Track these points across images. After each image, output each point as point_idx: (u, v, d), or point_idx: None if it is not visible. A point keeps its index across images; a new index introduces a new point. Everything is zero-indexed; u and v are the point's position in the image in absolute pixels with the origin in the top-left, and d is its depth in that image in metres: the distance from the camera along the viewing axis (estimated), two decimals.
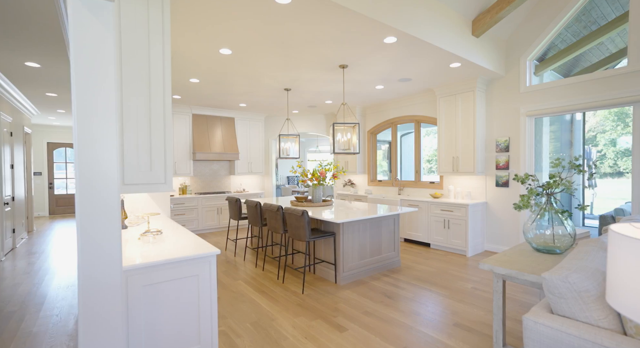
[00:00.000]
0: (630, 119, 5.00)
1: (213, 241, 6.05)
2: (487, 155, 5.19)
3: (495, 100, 5.06)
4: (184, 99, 6.21)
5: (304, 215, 3.52)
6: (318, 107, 7.20)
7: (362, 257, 4.03)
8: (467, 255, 4.89)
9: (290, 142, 5.63)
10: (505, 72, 4.89)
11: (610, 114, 8.56)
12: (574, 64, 6.11)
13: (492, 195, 5.12)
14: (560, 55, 5.34)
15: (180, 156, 6.78)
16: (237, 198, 5.05)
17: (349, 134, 4.39)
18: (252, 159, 7.86)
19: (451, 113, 5.35)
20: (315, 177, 4.72)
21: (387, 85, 5.38)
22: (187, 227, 6.61)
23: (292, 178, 13.35)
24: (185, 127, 6.85)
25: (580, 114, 6.61)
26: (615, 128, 8.82)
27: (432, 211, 5.37)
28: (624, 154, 8.72)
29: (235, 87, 5.35)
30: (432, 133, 8.41)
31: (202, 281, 2.09)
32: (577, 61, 6.10)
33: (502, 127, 4.98)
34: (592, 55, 6.00)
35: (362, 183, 7.52)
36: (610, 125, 8.82)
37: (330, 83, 5.16)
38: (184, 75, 4.69)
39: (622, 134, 8.72)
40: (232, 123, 7.53)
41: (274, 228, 4.11)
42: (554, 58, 5.33)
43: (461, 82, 5.11)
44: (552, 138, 6.20)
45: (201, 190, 7.37)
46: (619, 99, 3.84)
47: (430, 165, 8.89)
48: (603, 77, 3.97)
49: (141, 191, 1.90)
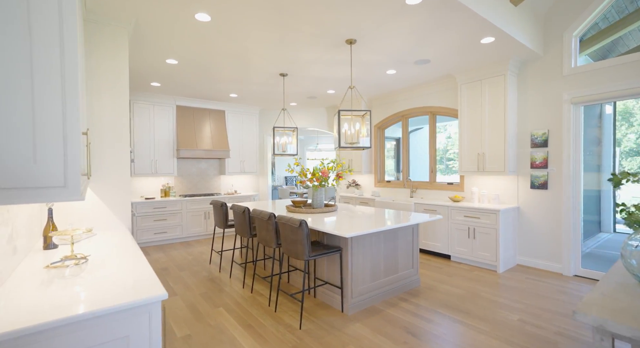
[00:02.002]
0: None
1: (197, 251, 5.23)
2: (519, 151, 4.39)
3: (530, 86, 4.26)
4: (165, 87, 5.39)
5: (302, 226, 2.71)
6: (319, 98, 6.39)
7: (375, 277, 3.22)
8: (498, 270, 4.08)
9: (287, 136, 4.82)
10: (544, 52, 4.09)
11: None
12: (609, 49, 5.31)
13: (526, 199, 4.31)
14: (601, 36, 4.55)
15: (162, 153, 5.96)
16: (222, 202, 4.24)
17: (358, 124, 3.59)
18: (245, 157, 7.05)
19: (475, 102, 4.54)
20: (317, 177, 3.91)
21: (400, 69, 4.58)
22: (169, 234, 5.80)
23: (290, 179, 12.54)
24: (168, 120, 6.04)
25: (611, 107, 5.82)
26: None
27: (454, 217, 4.57)
28: None
29: (222, 71, 4.54)
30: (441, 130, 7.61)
31: (133, 347, 1.28)
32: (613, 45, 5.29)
33: (539, 118, 4.18)
34: (631, 38, 5.20)
35: (368, 184, 6.71)
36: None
37: (334, 65, 4.35)
38: (159, 55, 3.88)
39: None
40: (222, 117, 6.71)
41: (265, 241, 3.30)
42: (594, 39, 4.54)
43: (489, 65, 4.30)
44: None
45: (187, 191, 6.55)
46: None
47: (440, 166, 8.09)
48: None
49: (6, 202, 1.08)
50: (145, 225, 5.54)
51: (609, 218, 6.11)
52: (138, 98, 5.64)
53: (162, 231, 5.73)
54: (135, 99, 5.62)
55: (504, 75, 4.21)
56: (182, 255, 4.99)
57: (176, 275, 4.07)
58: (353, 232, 2.67)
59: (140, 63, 4.16)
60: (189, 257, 4.88)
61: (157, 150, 5.90)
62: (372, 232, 2.78)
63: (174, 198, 5.93)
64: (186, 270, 4.24)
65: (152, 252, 5.22)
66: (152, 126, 5.84)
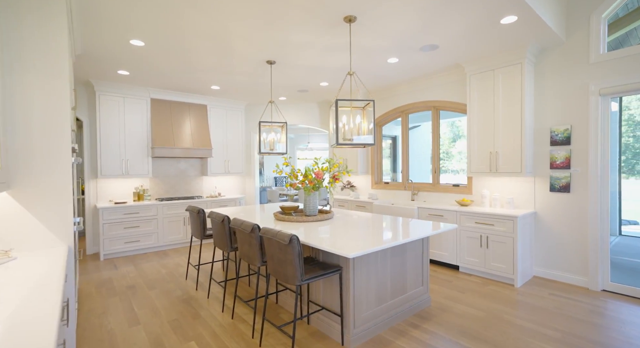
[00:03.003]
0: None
1: (173, 264, 4.60)
2: (536, 150, 3.91)
3: (549, 77, 3.79)
4: (135, 77, 4.74)
5: (292, 243, 2.15)
6: (311, 92, 5.83)
7: (381, 299, 2.68)
8: (516, 284, 3.60)
9: (275, 133, 4.24)
10: (566, 37, 3.61)
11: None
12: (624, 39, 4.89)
13: (545, 203, 3.84)
14: (626, 21, 4.13)
15: (135, 152, 5.31)
16: (199, 209, 3.64)
17: (358, 117, 3.04)
18: (229, 156, 6.44)
19: (487, 95, 4.05)
20: (309, 179, 3.35)
21: (403, 57, 4.05)
22: (142, 243, 5.15)
23: (280, 180, 11.93)
24: (141, 114, 5.38)
25: (616, 104, 5.43)
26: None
27: (463, 224, 4.07)
28: None
29: (200, 57, 3.93)
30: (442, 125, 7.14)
31: None
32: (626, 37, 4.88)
33: (560, 113, 3.71)
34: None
35: (365, 185, 6.18)
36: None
37: (329, 52, 3.80)
38: (120, 35, 3.25)
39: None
40: (204, 112, 6.08)
41: (248, 257, 2.73)
42: (620, 23, 4.11)
43: (504, 53, 3.81)
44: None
45: (164, 194, 5.90)
46: None
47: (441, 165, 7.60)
48: None
49: None
50: (114, 233, 4.88)
51: (614, 219, 5.73)
52: (104, 89, 4.96)
53: (134, 240, 5.08)
54: (102, 89, 4.94)
55: (521, 63, 3.73)
56: (155, 269, 4.36)
57: (143, 295, 3.44)
58: (357, 250, 2.11)
59: (100, 45, 3.52)
60: (162, 271, 4.25)
61: (129, 149, 5.24)
62: (379, 249, 2.23)
63: (148, 202, 5.28)
64: (157, 289, 3.63)
65: (121, 264, 4.57)
66: (123, 121, 5.18)
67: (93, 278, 3.97)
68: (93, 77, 4.67)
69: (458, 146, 7.33)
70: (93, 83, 4.81)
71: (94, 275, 4.09)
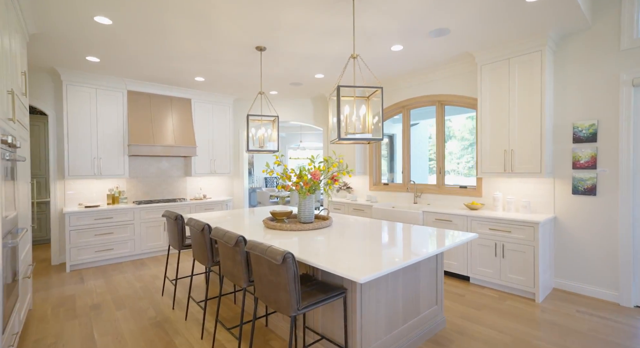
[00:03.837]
0: None
1: (150, 275, 4.09)
2: (556, 147, 3.53)
3: (571, 67, 3.41)
4: (108, 64, 4.20)
5: (286, 264, 1.68)
6: (305, 85, 5.37)
7: (392, 326, 2.24)
8: (537, 299, 3.20)
9: (265, 128, 3.77)
10: (592, 21, 3.23)
11: None
12: None
13: (566, 207, 3.46)
14: None
15: (109, 149, 4.76)
16: (177, 215, 3.14)
17: (363, 107, 2.59)
18: (216, 155, 5.93)
19: (501, 87, 3.65)
20: (304, 180, 2.89)
21: (409, 44, 3.62)
22: (116, 251, 4.61)
23: (271, 180, 11.43)
24: (117, 108, 4.84)
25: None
26: None
27: (475, 230, 3.66)
28: None
29: (179, 40, 3.44)
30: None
31: None
32: None
33: (584, 106, 3.33)
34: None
35: (362, 187, 5.75)
36: None
37: (326, 36, 3.34)
38: (82, 8, 2.73)
39: None
40: (187, 106, 5.57)
41: (232, 275, 2.25)
42: None
43: (521, 39, 3.42)
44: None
45: (144, 197, 5.37)
46: None
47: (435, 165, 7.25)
48: None
49: None
50: (84, 241, 4.34)
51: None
52: (73, 78, 4.41)
53: (107, 248, 4.53)
54: (70, 79, 4.39)
55: (541, 51, 3.33)
56: (129, 282, 3.84)
57: (109, 317, 2.93)
58: (368, 271, 1.66)
59: (58, 22, 3.00)
60: (136, 285, 3.74)
61: (102, 146, 4.70)
62: (396, 269, 1.78)
63: (124, 205, 4.74)
64: (126, 308, 3.11)
65: (90, 277, 4.03)
66: (95, 115, 4.63)
67: (52, 295, 3.43)
68: (58, 64, 4.12)
69: (449, 147, 7.18)
70: (59, 72, 4.26)
71: (54, 291, 3.55)
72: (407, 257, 1.90)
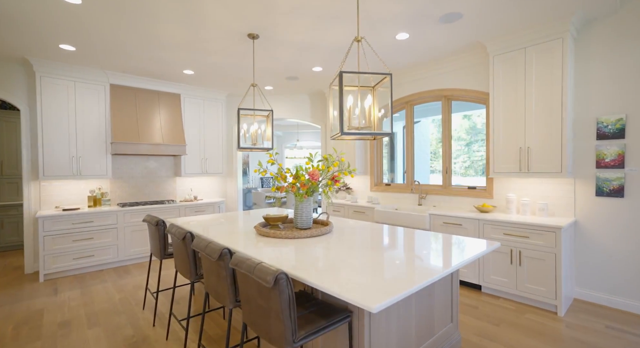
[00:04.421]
0: None
1: (132, 285, 3.73)
2: (577, 145, 3.23)
3: (596, 55, 3.10)
4: (86, 55, 3.84)
5: (278, 286, 1.35)
6: (301, 79, 5.03)
7: None
8: (559, 312, 2.89)
9: (259, 123, 3.43)
10: (621, 2, 2.93)
11: None
12: None
13: (589, 210, 3.15)
14: None
15: (89, 147, 4.40)
16: (158, 220, 2.80)
17: (370, 97, 2.27)
18: (207, 154, 5.58)
19: (516, 79, 3.34)
20: (301, 182, 2.56)
21: (417, 31, 3.30)
22: (98, 258, 4.25)
23: (267, 180, 11.08)
24: (98, 103, 4.47)
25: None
26: None
27: (487, 235, 3.35)
28: None
29: (162, 25, 3.09)
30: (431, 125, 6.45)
31: None
32: None
33: (611, 98, 3.02)
34: None
35: (362, 187, 5.42)
36: None
37: (326, 22, 3.01)
38: None
39: None
40: (176, 102, 5.21)
41: (216, 294, 1.92)
42: None
43: (540, 26, 3.11)
44: None
45: (130, 198, 5.00)
46: None
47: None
48: None
49: None
50: (60, 247, 3.97)
51: None
52: (48, 69, 4.04)
53: (88, 254, 4.17)
54: (44, 70, 4.02)
55: (563, 38, 3.02)
56: (108, 293, 3.49)
57: (79, 337, 2.58)
58: (382, 296, 1.33)
59: (24, 1, 2.64)
60: (116, 297, 3.38)
61: (82, 144, 4.33)
62: (415, 290, 1.46)
63: (107, 208, 4.38)
64: (100, 325, 2.76)
65: (65, 287, 3.67)
66: (73, 111, 4.27)
67: (18, 310, 3.07)
68: (30, 53, 3.75)
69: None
70: (31, 62, 3.89)
71: (22, 305, 3.19)
72: (425, 274, 1.58)
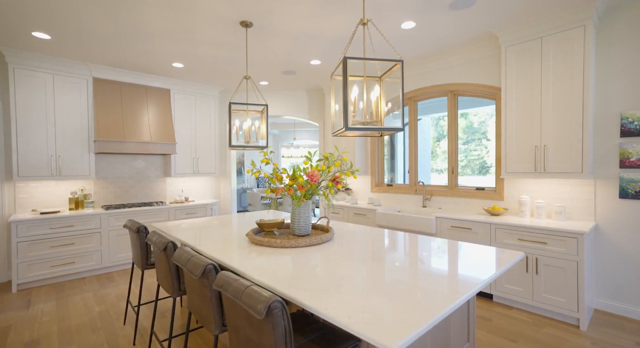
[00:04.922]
0: None
1: (115, 295, 3.44)
2: (597, 142, 2.98)
3: (620, 45, 2.85)
4: (63, 44, 3.53)
5: (272, 318, 1.07)
6: (299, 74, 4.75)
7: None
8: (581, 326, 2.64)
9: (252, 119, 3.14)
10: None
11: None
12: None
13: (611, 214, 2.91)
14: None
15: (70, 146, 4.09)
16: (139, 226, 2.51)
17: (377, 89, 1.99)
18: (199, 152, 5.28)
19: (532, 71, 3.09)
20: (299, 183, 2.28)
21: (424, 19, 3.03)
22: (79, 264, 3.94)
23: (263, 180, 10.77)
24: (80, 98, 4.16)
25: None
26: None
27: (499, 240, 3.10)
28: None
29: (147, 11, 2.79)
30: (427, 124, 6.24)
31: None
32: None
33: (637, 92, 2.78)
34: None
35: (363, 188, 5.16)
36: None
37: (326, 5, 2.73)
38: None
39: None
40: (166, 98, 4.91)
41: (200, 316, 1.64)
42: None
43: (559, 14, 2.85)
44: None
45: (116, 200, 4.70)
46: None
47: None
48: None
49: None
50: (36, 254, 3.66)
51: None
52: (22, 61, 3.72)
53: (67, 261, 3.86)
54: (17, 62, 3.70)
55: (584, 26, 2.77)
56: (87, 304, 3.19)
57: None
58: (402, 330, 1.06)
59: None
60: (95, 309, 3.09)
61: (62, 142, 4.02)
62: (435, 322, 1.19)
63: (90, 211, 4.08)
64: (74, 345, 2.47)
65: (39, 298, 3.36)
66: (52, 106, 3.96)
67: None
68: (0, 42, 3.44)
69: (442, 145, 6.86)
70: (3, 52, 3.57)
71: None
72: (448, 297, 1.31)
